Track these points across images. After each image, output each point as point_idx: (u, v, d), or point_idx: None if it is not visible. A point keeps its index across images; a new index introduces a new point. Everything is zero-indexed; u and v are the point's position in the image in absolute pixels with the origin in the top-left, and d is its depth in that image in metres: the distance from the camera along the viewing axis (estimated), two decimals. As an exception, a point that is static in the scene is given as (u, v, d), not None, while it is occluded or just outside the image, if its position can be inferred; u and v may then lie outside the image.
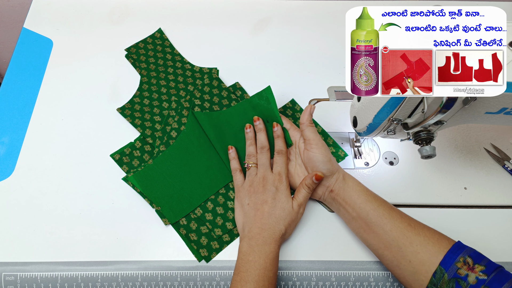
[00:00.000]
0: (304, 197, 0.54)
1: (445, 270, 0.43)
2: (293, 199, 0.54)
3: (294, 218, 0.53)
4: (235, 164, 0.59)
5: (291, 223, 0.53)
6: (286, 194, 0.54)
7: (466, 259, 0.44)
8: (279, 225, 0.51)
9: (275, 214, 0.52)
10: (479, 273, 0.42)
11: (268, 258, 0.49)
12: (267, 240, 0.50)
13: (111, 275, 0.52)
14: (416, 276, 0.46)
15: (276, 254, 0.50)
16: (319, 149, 0.54)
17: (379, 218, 0.49)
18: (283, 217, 0.52)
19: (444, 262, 0.44)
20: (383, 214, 0.50)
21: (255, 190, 0.54)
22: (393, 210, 0.51)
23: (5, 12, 1.02)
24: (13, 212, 0.57)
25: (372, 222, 0.50)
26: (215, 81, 0.69)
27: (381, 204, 0.51)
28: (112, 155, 0.61)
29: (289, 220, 0.52)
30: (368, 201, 0.51)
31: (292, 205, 0.53)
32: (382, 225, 0.49)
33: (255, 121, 0.60)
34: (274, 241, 0.50)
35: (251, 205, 0.53)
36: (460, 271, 0.43)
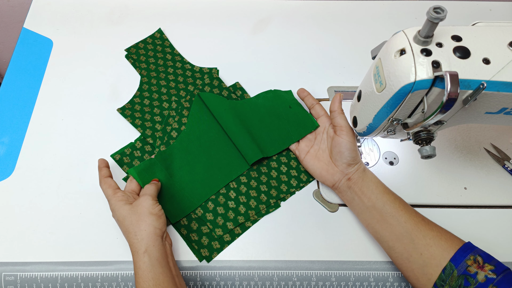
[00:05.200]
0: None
1: (455, 267, 0.44)
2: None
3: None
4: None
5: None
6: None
7: (477, 257, 0.44)
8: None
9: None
10: (488, 271, 0.43)
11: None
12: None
13: (111, 275, 0.52)
14: (425, 269, 0.46)
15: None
16: (350, 136, 0.55)
17: (395, 209, 0.50)
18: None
19: (455, 258, 0.44)
20: (399, 206, 0.51)
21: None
22: (408, 205, 0.52)
23: (5, 12, 1.02)
24: (13, 212, 0.57)
25: (387, 212, 0.50)
26: (215, 81, 0.69)
27: (397, 198, 0.52)
28: (113, 156, 0.61)
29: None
30: (385, 193, 0.52)
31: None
32: (397, 216, 0.50)
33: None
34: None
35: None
36: (470, 269, 0.43)
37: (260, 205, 0.58)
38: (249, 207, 0.58)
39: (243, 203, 0.58)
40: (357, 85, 0.68)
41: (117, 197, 0.52)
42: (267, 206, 0.58)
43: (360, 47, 0.74)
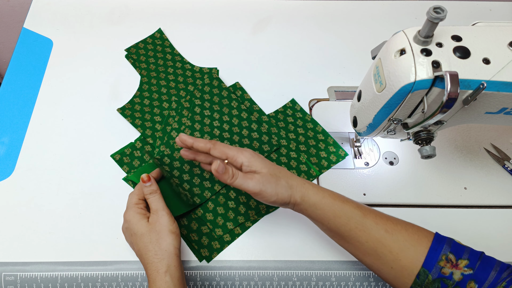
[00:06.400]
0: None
1: (429, 271, 0.42)
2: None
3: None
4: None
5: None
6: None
7: (448, 255, 0.43)
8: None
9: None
10: (463, 268, 0.42)
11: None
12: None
13: (111, 275, 0.52)
14: (399, 279, 0.45)
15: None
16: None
17: (351, 232, 0.46)
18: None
19: (426, 263, 0.43)
20: (355, 227, 0.46)
21: None
22: (365, 217, 0.46)
23: (5, 12, 1.02)
24: (13, 212, 0.57)
25: (345, 236, 0.47)
26: (215, 81, 0.69)
27: (351, 217, 0.46)
28: (113, 156, 0.61)
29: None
30: (336, 216, 0.47)
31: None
32: (356, 237, 0.46)
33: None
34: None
35: None
36: (444, 270, 0.42)
37: (260, 205, 0.58)
38: (249, 207, 0.58)
39: (243, 203, 0.58)
40: (357, 85, 0.68)
41: (136, 209, 0.51)
42: (267, 206, 0.58)
43: (360, 47, 0.74)
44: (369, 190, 0.60)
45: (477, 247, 0.46)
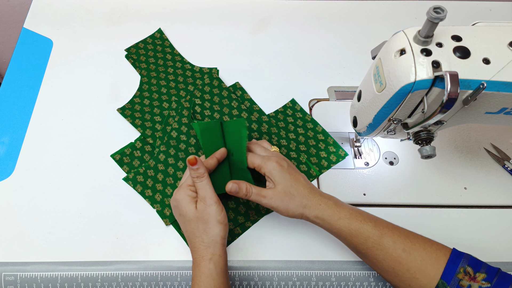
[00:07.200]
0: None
1: (448, 283, 0.43)
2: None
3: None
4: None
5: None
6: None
7: (466, 268, 0.43)
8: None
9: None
10: (481, 281, 0.42)
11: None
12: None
13: (111, 275, 0.52)
14: None
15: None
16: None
17: (368, 250, 0.47)
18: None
19: (445, 275, 0.43)
20: (372, 245, 0.46)
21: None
22: (383, 237, 0.46)
23: (5, 12, 1.02)
24: (13, 212, 0.57)
25: (362, 253, 0.48)
26: (215, 81, 0.69)
27: (368, 237, 0.47)
28: (113, 156, 0.61)
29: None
30: (352, 236, 0.47)
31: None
32: (373, 255, 0.47)
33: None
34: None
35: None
36: (463, 283, 0.42)
37: (260, 205, 0.58)
38: (249, 207, 0.58)
39: (243, 203, 0.58)
40: (357, 85, 0.68)
41: (187, 191, 0.49)
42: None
43: (360, 47, 0.74)
44: (369, 190, 0.60)
45: (477, 247, 0.46)
